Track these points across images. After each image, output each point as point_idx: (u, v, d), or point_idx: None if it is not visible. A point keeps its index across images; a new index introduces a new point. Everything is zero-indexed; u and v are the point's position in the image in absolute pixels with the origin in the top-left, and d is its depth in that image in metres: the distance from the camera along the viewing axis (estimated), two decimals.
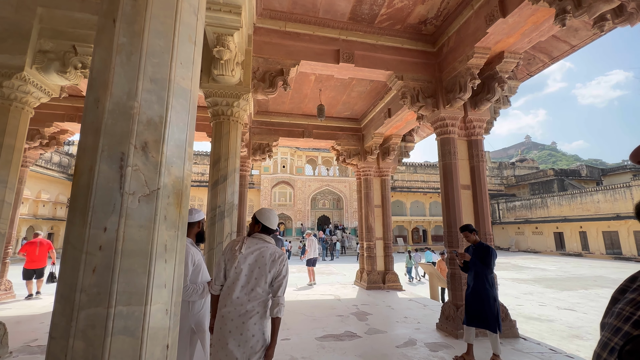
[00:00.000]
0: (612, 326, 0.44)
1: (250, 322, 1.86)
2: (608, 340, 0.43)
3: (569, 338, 5.51)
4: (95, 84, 1.13)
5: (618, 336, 0.42)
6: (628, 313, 0.43)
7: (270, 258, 1.97)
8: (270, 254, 1.99)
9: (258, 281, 1.92)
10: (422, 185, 32.63)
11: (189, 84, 1.28)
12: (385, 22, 4.95)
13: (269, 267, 1.95)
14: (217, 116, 4.22)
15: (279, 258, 1.99)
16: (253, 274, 1.93)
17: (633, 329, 0.40)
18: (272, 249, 2.03)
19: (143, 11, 1.18)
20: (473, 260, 3.69)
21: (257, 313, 1.89)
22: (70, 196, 1.08)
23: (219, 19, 3.30)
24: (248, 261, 1.95)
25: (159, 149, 1.13)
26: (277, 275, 1.96)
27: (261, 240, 2.05)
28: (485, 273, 3.62)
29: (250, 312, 1.88)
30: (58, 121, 6.92)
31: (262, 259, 1.96)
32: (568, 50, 4.94)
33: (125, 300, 1.00)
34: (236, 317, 1.87)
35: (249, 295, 1.91)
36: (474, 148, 5.17)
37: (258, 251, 1.99)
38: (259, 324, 1.89)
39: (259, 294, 1.91)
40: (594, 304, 8.34)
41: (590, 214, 22.79)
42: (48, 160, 20.13)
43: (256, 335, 1.86)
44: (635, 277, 0.48)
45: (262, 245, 2.02)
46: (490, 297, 3.56)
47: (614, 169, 32.92)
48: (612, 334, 0.43)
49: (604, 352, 0.43)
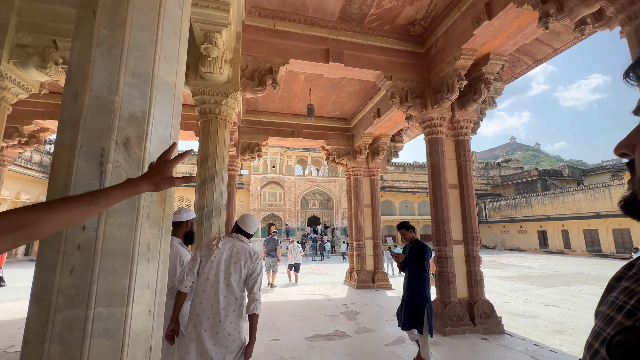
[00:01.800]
0: (605, 315, 0.43)
1: (227, 321, 1.87)
2: (600, 330, 0.42)
3: (552, 333, 5.66)
4: (74, 78, 1.09)
5: (610, 326, 0.41)
6: (621, 302, 0.42)
7: (246, 255, 2.04)
8: (246, 251, 2.06)
9: (233, 276, 1.96)
10: (411, 185, 33.01)
11: (173, 79, 1.25)
12: (375, 22, 4.98)
13: (243, 262, 2.00)
14: (205, 114, 4.16)
15: (253, 255, 2.06)
16: (229, 269, 1.97)
17: (625, 319, 0.39)
18: (248, 247, 2.10)
19: (125, 3, 1.14)
20: (408, 259, 3.53)
21: (233, 311, 1.90)
22: (47, 194, 1.04)
23: (207, 15, 3.24)
24: (224, 257, 2.00)
25: (142, 145, 1.09)
26: (252, 273, 2.01)
27: (237, 239, 2.12)
28: (418, 272, 3.45)
29: (226, 309, 1.89)
30: (38, 119, 6.68)
31: (237, 255, 2.02)
32: (551, 53, 5.09)
33: (106, 302, 0.96)
34: (212, 315, 1.87)
35: (224, 290, 1.92)
36: (461, 148, 5.26)
37: (234, 248, 2.06)
38: (235, 322, 1.89)
39: (234, 289, 1.94)
40: (576, 299, 8.61)
41: (572, 213, 23.53)
42: (28, 159, 19.42)
43: (232, 334, 1.86)
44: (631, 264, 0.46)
45: (237, 243, 2.10)
46: (422, 298, 3.39)
47: (594, 169, 34.10)
48: (605, 323, 0.42)
49: (595, 342, 0.42)
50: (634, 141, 0.43)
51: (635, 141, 0.43)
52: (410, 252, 3.55)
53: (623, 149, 0.44)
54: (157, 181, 0.66)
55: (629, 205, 0.44)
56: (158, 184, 0.67)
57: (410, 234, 3.63)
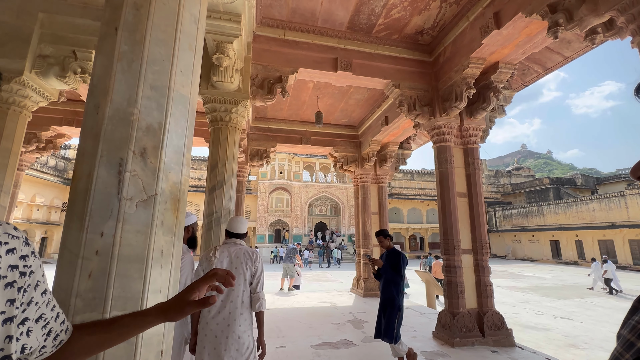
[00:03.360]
0: (625, 340, 0.41)
1: (235, 324, 1.92)
2: (619, 355, 0.41)
3: (566, 347, 5.50)
4: (95, 90, 1.15)
5: (630, 352, 0.39)
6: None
7: (245, 257, 2.08)
8: (244, 253, 2.10)
9: (238, 279, 2.00)
10: (419, 193, 32.72)
11: (188, 91, 1.30)
12: (383, 31, 5.04)
13: (245, 265, 2.04)
14: (216, 122, 4.25)
15: (252, 255, 2.10)
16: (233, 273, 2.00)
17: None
18: (245, 248, 2.14)
19: (145, 20, 1.20)
20: (385, 267, 3.55)
21: (240, 314, 1.95)
22: (68, 201, 1.09)
23: (219, 26, 3.34)
24: (224, 264, 2.04)
25: (158, 155, 1.14)
26: (255, 272, 2.06)
27: (233, 244, 2.16)
28: (395, 280, 3.48)
29: (234, 314, 1.94)
30: (55, 125, 6.91)
31: (237, 259, 2.06)
32: (561, 61, 5.05)
33: (121, 306, 1.00)
34: (221, 321, 1.92)
35: (232, 293, 1.97)
36: (469, 156, 5.22)
37: (232, 253, 2.09)
38: (244, 325, 1.95)
39: (239, 294, 1.98)
40: (591, 312, 8.34)
41: (586, 223, 22.93)
42: (44, 164, 20.00)
43: (242, 337, 1.91)
44: None
45: (234, 247, 2.13)
46: (396, 306, 3.43)
47: (608, 178, 33.26)
48: (625, 348, 0.40)
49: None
50: None
51: None
52: (387, 259, 3.59)
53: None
54: (171, 316, 0.63)
55: None
56: (171, 318, 0.64)
57: (387, 242, 3.67)
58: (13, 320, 0.47)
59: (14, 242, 0.50)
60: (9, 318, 0.46)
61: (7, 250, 0.48)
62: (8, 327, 0.46)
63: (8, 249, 0.48)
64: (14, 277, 0.48)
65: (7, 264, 0.48)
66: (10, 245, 0.49)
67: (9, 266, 0.48)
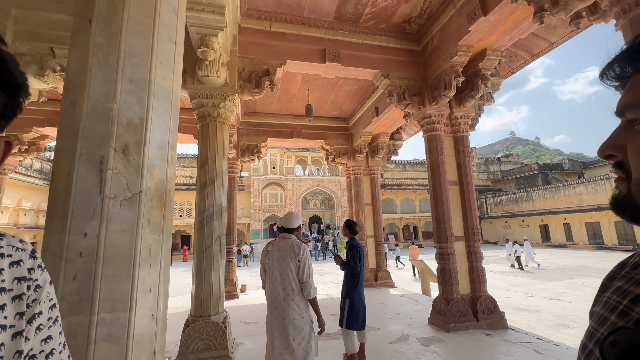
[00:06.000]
0: (599, 315, 0.43)
1: (290, 308, 2.29)
2: (594, 330, 0.42)
3: (556, 327, 5.67)
4: (71, 86, 1.10)
5: (604, 326, 0.40)
6: (615, 302, 0.41)
7: (290, 250, 2.40)
8: (289, 246, 2.41)
9: (286, 271, 2.36)
10: (411, 183, 32.99)
11: (170, 85, 1.26)
12: (370, 21, 4.98)
13: (290, 258, 2.37)
14: (203, 118, 4.17)
15: (297, 249, 2.40)
16: (281, 266, 2.38)
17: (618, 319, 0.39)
18: (291, 242, 2.45)
19: (120, 11, 1.15)
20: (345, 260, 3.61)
21: (292, 300, 2.31)
22: (48, 202, 1.05)
23: (202, 19, 3.25)
24: (275, 257, 2.41)
25: (141, 152, 1.11)
26: (299, 264, 2.37)
27: (283, 238, 2.50)
28: (350, 271, 3.54)
29: (287, 299, 2.31)
30: (37, 126, 6.70)
31: (284, 253, 2.40)
32: (547, 47, 5.09)
33: (109, 307, 0.97)
34: (277, 305, 2.31)
35: (283, 284, 2.34)
36: (460, 144, 5.26)
37: (280, 248, 2.43)
38: (298, 308, 2.31)
39: (290, 282, 2.34)
40: (579, 293, 8.61)
41: (574, 206, 23.51)
42: (28, 167, 19.46)
43: (297, 319, 2.28)
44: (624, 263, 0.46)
45: (281, 242, 2.47)
46: (346, 294, 3.52)
47: (594, 161, 34.02)
48: (599, 324, 0.42)
49: (590, 343, 0.41)
50: (619, 142, 0.42)
51: (621, 142, 0.42)
52: (348, 251, 3.63)
53: (609, 151, 0.43)
54: None
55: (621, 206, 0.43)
56: None
57: (348, 233, 3.67)
58: (22, 334, 0.45)
59: (19, 255, 0.48)
60: (19, 332, 0.45)
61: (11, 262, 0.47)
62: (18, 342, 0.44)
63: (12, 261, 0.47)
64: (21, 290, 0.46)
65: (13, 276, 0.46)
66: (14, 257, 0.48)
67: (15, 279, 0.46)
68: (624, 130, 0.42)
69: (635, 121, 0.41)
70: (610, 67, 0.43)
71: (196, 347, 3.52)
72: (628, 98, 0.41)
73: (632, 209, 0.42)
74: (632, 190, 0.41)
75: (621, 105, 0.42)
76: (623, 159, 0.42)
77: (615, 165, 0.43)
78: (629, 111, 0.41)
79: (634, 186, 0.41)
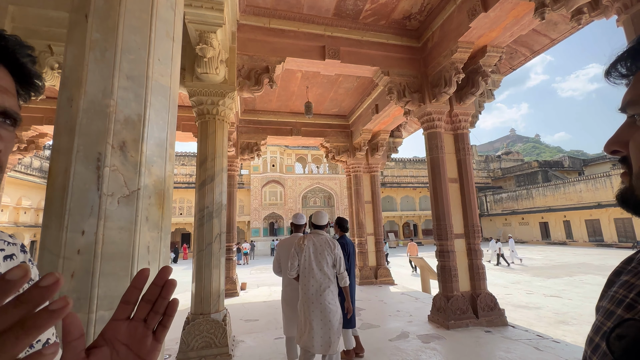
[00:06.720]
0: (605, 309, 0.43)
1: (325, 294, 2.60)
2: (601, 324, 0.42)
3: (556, 324, 5.68)
4: (68, 82, 1.09)
5: (611, 320, 0.41)
6: (621, 296, 0.42)
7: (326, 244, 2.72)
8: (324, 242, 2.74)
9: (322, 263, 2.67)
10: (411, 180, 32.96)
11: (168, 81, 1.24)
12: (370, 17, 4.95)
13: (326, 251, 2.70)
14: (203, 115, 4.15)
15: (332, 244, 2.75)
16: (317, 258, 2.68)
17: (625, 312, 0.39)
18: (325, 238, 2.79)
19: (117, 6, 1.13)
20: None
21: (327, 287, 2.63)
22: (45, 199, 1.04)
23: (201, 15, 3.23)
24: (311, 250, 2.70)
25: (138, 148, 1.10)
26: (335, 257, 2.70)
27: (316, 234, 2.81)
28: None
29: (322, 286, 2.62)
30: (36, 124, 6.68)
31: (320, 246, 2.71)
32: (548, 43, 5.06)
33: (107, 305, 0.97)
34: (314, 292, 2.61)
35: (319, 274, 2.65)
36: (460, 142, 5.24)
37: (317, 242, 2.73)
38: (332, 295, 2.63)
39: (326, 272, 2.66)
40: (579, 290, 8.62)
41: (573, 204, 23.51)
42: (28, 165, 19.45)
43: (331, 303, 2.60)
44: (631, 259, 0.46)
45: (317, 237, 2.77)
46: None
47: (594, 159, 34.00)
48: (606, 317, 0.42)
49: (596, 337, 0.42)
50: (624, 138, 0.43)
51: (626, 138, 0.43)
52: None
53: (614, 147, 0.45)
54: None
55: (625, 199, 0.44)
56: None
57: (338, 231, 3.71)
58: None
59: (11, 249, 0.49)
60: None
61: (5, 256, 0.47)
62: None
63: (5, 255, 0.47)
64: None
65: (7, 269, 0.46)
66: (7, 251, 0.48)
67: None
68: (628, 126, 0.43)
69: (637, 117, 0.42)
70: (615, 65, 0.45)
71: (196, 345, 3.52)
72: (630, 95, 0.43)
73: (634, 201, 0.43)
74: (634, 184, 0.42)
75: (624, 102, 0.44)
76: (627, 154, 0.43)
77: (621, 160, 0.45)
78: (630, 107, 0.43)
79: (634, 180, 0.42)
